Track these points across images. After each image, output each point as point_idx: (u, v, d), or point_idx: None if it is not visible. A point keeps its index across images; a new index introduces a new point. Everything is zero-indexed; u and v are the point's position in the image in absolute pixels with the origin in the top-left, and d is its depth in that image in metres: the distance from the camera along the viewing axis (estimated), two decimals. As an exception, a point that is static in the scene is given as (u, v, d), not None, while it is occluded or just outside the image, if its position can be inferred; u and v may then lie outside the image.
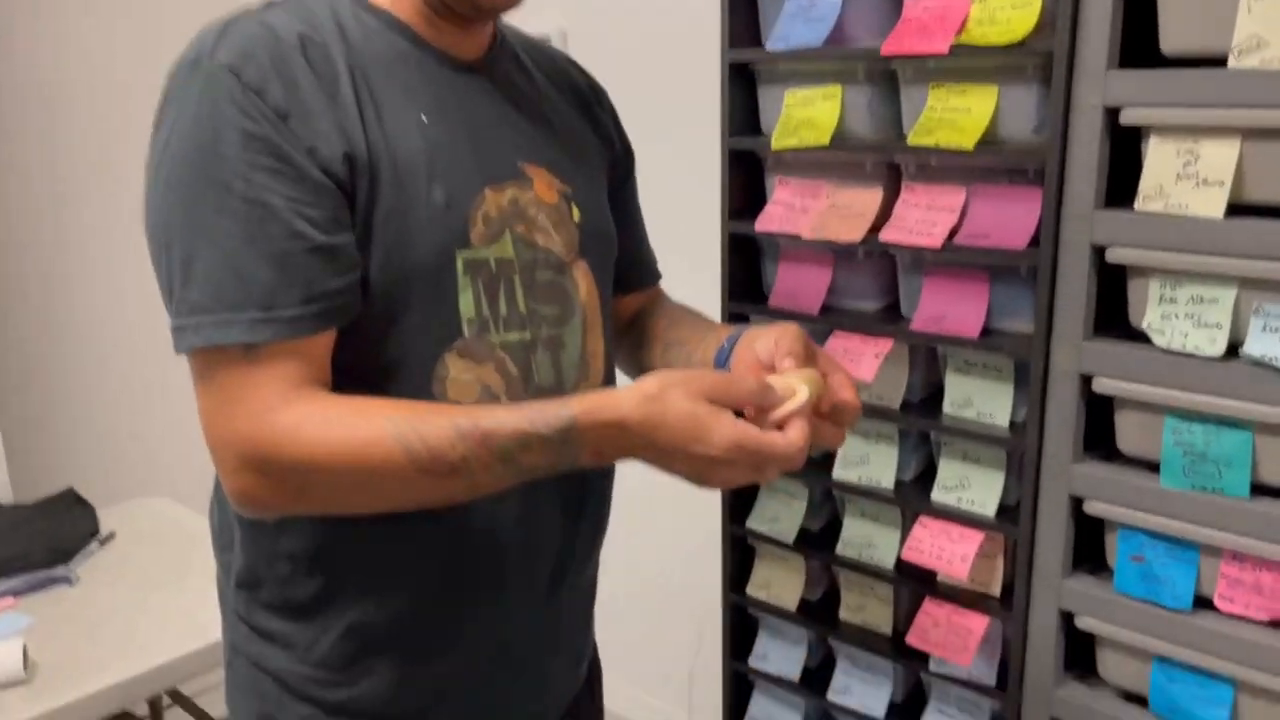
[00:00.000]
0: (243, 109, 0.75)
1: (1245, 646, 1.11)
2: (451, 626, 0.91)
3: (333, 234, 0.78)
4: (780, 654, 1.57)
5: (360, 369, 0.82)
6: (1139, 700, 1.23)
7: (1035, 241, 1.19)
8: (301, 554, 0.87)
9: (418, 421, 0.75)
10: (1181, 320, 1.11)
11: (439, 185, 0.83)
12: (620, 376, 1.03)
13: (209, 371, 0.77)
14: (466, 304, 0.84)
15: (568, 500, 0.94)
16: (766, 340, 0.91)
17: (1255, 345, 1.07)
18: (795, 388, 0.80)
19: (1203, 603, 1.16)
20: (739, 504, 1.55)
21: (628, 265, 1.07)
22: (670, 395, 0.75)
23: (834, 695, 1.51)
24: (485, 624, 0.92)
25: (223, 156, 0.75)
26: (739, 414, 0.77)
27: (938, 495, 1.34)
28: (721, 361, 0.96)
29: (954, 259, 1.27)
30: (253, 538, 0.89)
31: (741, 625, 1.62)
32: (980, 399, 1.30)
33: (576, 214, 0.94)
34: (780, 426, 0.78)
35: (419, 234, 0.81)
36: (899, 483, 1.40)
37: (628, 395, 0.76)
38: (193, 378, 0.79)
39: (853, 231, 1.32)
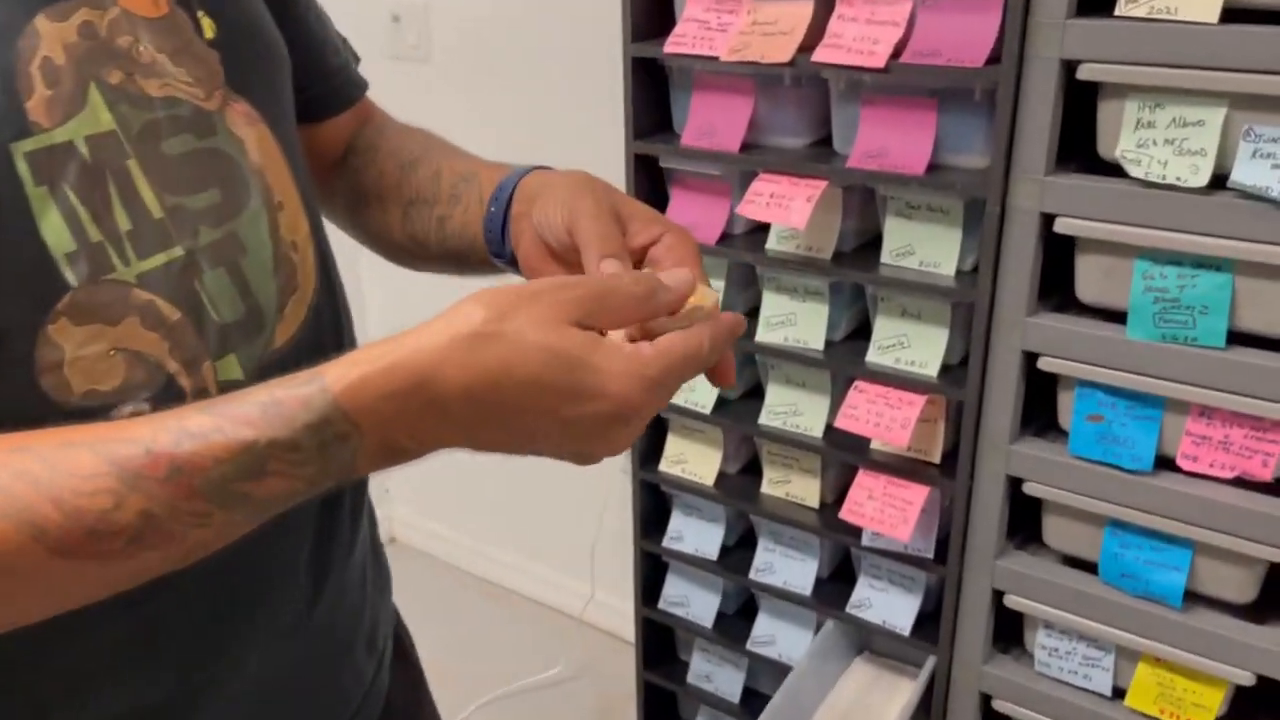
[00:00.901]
0: None
1: (1208, 506, 1.02)
2: (201, 688, 0.61)
3: None
4: (696, 533, 1.45)
5: None
6: (1085, 567, 1.15)
7: (995, 59, 1.02)
8: None
9: (41, 471, 0.43)
10: (1160, 147, 0.97)
11: None
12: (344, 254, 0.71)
13: None
14: (55, 231, 0.49)
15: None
16: (556, 202, 0.62)
17: (1243, 173, 0.93)
18: (695, 282, 0.55)
19: (1162, 464, 1.06)
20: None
21: (311, 81, 0.71)
22: (514, 326, 0.45)
23: (756, 574, 1.39)
24: (243, 664, 0.63)
25: None
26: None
27: (873, 356, 1.20)
28: (496, 235, 0.68)
29: (898, 82, 1.09)
30: None
31: (654, 503, 1.48)
32: (924, 247, 1.15)
33: (208, 26, 0.59)
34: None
35: None
36: (829, 344, 1.25)
37: (430, 337, 0.45)
38: None
39: (779, 52, 1.12)
